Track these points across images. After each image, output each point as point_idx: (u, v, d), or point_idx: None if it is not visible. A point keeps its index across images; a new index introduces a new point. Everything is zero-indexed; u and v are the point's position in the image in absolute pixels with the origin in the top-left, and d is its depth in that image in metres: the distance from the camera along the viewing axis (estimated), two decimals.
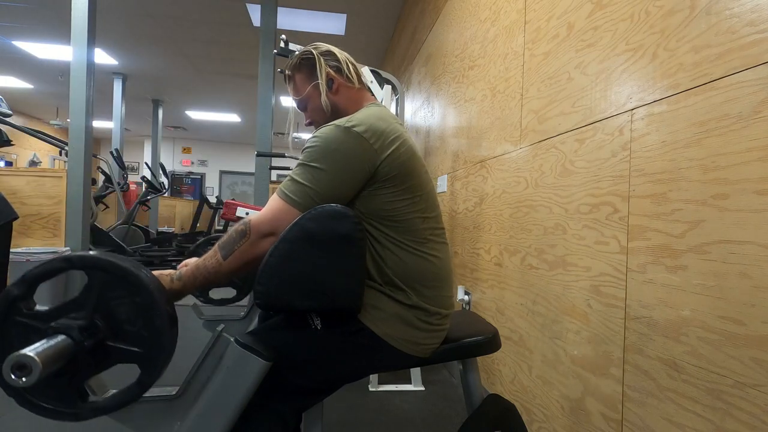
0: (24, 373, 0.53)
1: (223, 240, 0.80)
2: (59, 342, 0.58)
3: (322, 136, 0.82)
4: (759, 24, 0.65)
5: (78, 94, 3.34)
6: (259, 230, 0.79)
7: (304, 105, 1.02)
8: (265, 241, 0.79)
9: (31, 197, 3.45)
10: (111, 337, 0.63)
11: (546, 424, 1.24)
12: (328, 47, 1.01)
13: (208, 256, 0.80)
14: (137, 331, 0.63)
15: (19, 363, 0.53)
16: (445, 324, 0.89)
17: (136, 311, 0.63)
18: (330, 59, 0.99)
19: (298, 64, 1.00)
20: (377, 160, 0.82)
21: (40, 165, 9.25)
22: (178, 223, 8.67)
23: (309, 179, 0.80)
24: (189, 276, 0.79)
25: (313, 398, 0.84)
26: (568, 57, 1.19)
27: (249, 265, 0.80)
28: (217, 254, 0.79)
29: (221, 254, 0.79)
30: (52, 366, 0.56)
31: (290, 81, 1.03)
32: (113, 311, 0.63)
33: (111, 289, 0.63)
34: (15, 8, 4.27)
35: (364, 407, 1.73)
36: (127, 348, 0.63)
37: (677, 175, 0.80)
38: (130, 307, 0.63)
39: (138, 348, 0.63)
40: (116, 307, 0.63)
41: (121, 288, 0.63)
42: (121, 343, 0.63)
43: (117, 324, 0.63)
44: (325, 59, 0.98)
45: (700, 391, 0.74)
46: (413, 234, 0.86)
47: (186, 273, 0.79)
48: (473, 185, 1.92)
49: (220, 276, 0.79)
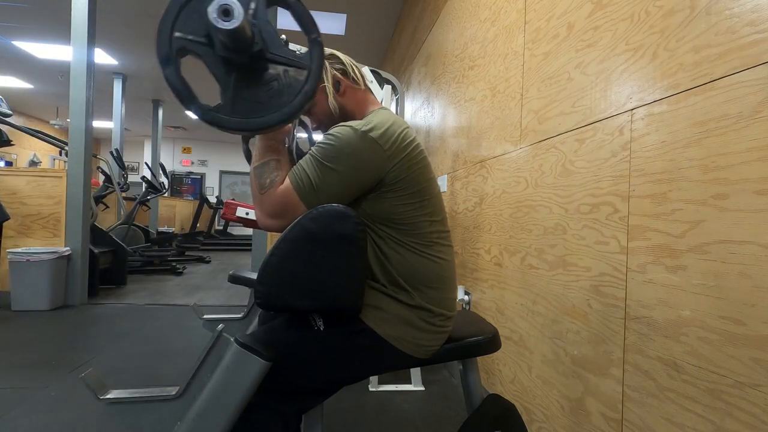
0: (228, 18, 0.59)
1: (261, 177, 0.86)
2: (247, 21, 0.64)
3: (339, 135, 0.82)
4: (759, 24, 0.65)
5: (78, 94, 3.34)
6: (270, 209, 0.84)
7: (310, 108, 1.03)
8: (269, 221, 0.84)
9: (31, 197, 3.45)
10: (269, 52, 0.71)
11: (546, 424, 1.24)
12: (331, 51, 1.01)
13: (266, 170, 0.86)
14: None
15: (225, 8, 0.59)
16: (447, 326, 0.89)
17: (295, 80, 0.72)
18: (335, 62, 0.99)
19: None
20: (388, 165, 0.83)
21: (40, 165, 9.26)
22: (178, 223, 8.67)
23: (320, 177, 0.81)
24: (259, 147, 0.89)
25: (314, 399, 0.84)
26: (568, 57, 1.19)
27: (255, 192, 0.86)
28: (258, 179, 0.86)
29: (257, 181, 0.86)
30: (241, 29, 0.62)
31: None
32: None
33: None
34: (15, 8, 4.27)
35: (364, 407, 1.73)
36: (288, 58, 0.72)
37: (677, 175, 0.80)
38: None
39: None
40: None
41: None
42: (276, 59, 0.71)
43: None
44: (329, 62, 0.98)
45: (700, 391, 0.74)
46: (420, 237, 0.87)
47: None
48: (473, 185, 1.92)
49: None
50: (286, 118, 0.72)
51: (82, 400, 1.66)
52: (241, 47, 0.67)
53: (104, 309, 3.21)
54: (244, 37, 0.65)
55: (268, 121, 0.72)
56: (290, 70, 0.72)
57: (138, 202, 5.28)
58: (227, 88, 0.71)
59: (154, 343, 2.41)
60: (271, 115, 0.71)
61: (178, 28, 0.67)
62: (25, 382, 1.83)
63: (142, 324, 2.78)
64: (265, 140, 0.88)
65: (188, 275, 4.98)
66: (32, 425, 1.47)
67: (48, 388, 1.76)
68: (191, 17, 0.67)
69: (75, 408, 1.60)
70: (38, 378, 1.87)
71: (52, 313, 3.02)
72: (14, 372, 1.94)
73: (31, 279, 3.04)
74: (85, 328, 2.70)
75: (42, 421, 1.50)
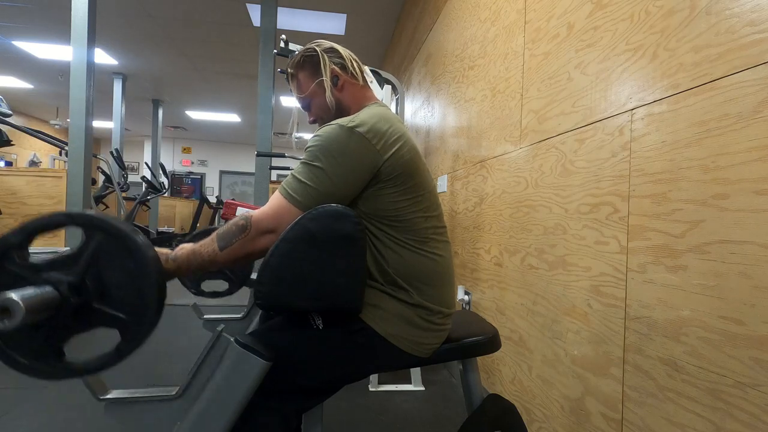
0: (5, 316, 0.52)
1: (222, 231, 0.80)
2: (46, 293, 0.57)
3: (324, 135, 0.81)
4: (759, 24, 0.65)
5: (78, 94, 3.34)
6: (259, 227, 0.79)
7: (308, 103, 1.01)
8: (265, 238, 0.79)
9: (31, 197, 3.45)
10: (98, 299, 0.61)
11: (546, 424, 1.24)
12: (332, 44, 1.00)
13: (205, 243, 0.79)
14: (124, 297, 0.61)
15: (2, 305, 0.52)
16: (447, 324, 0.89)
17: (128, 277, 0.61)
18: (334, 56, 0.98)
19: (301, 62, 0.99)
20: (380, 160, 0.82)
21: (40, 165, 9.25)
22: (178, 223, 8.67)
23: (311, 178, 0.80)
24: (183, 259, 0.78)
25: (315, 398, 0.84)
26: (568, 57, 1.19)
27: (244, 259, 0.80)
28: (215, 243, 0.79)
29: (218, 245, 0.78)
30: (35, 315, 0.55)
31: (293, 79, 1.02)
32: (105, 274, 0.62)
33: (106, 251, 0.61)
34: (15, 8, 4.27)
35: (364, 407, 1.73)
36: (112, 312, 0.61)
37: (677, 175, 0.80)
38: (122, 273, 0.62)
39: (122, 314, 0.61)
40: (109, 270, 0.62)
41: (117, 252, 0.61)
42: (106, 307, 0.61)
43: (106, 287, 0.62)
44: (329, 56, 0.97)
45: (700, 391, 0.74)
46: (415, 233, 0.86)
47: (181, 256, 0.79)
48: (473, 185, 1.92)
49: (215, 265, 0.79)
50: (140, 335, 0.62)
51: (82, 400, 1.66)
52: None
53: None
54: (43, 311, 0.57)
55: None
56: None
57: (138, 202, 5.28)
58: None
59: (154, 343, 2.39)
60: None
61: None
62: (25, 382, 1.83)
63: None
64: (183, 272, 0.80)
65: None
66: (32, 425, 1.47)
67: (48, 388, 1.76)
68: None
69: (75, 408, 1.60)
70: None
71: None
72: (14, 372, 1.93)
73: None
74: None
75: (42, 421, 1.50)
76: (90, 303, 0.61)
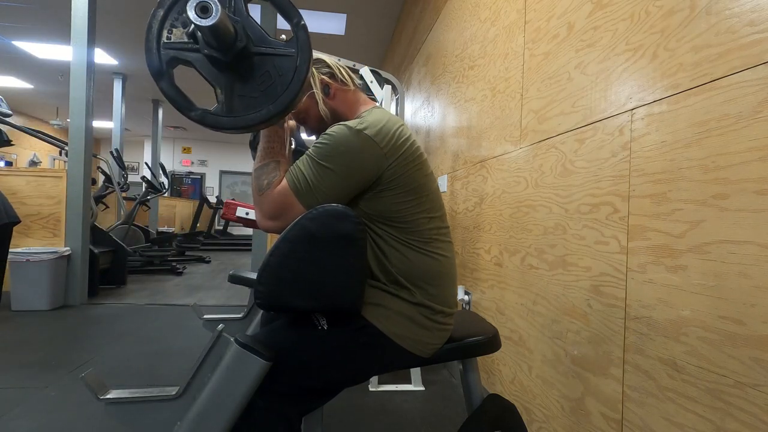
0: (206, 15, 0.61)
1: (260, 179, 0.86)
2: (229, 21, 0.66)
3: (334, 135, 0.83)
4: (759, 24, 0.65)
5: (78, 94, 3.34)
6: (268, 210, 0.84)
7: (302, 118, 1.02)
8: (268, 222, 0.85)
9: (31, 197, 3.45)
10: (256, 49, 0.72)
11: (546, 424, 1.24)
12: (316, 55, 1.00)
13: (269, 168, 0.86)
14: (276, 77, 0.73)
15: (203, 4, 0.61)
16: (449, 323, 0.89)
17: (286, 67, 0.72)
18: (321, 66, 0.98)
19: None
20: (384, 163, 0.83)
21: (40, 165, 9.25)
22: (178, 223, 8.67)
23: (318, 177, 0.81)
24: (268, 143, 0.88)
25: (318, 400, 0.84)
26: (568, 57, 1.19)
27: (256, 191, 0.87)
28: (257, 180, 0.87)
29: (256, 182, 0.87)
30: (222, 25, 0.63)
31: None
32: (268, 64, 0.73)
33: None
34: (15, 8, 4.27)
35: (364, 407, 1.73)
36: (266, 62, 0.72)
37: (677, 175, 0.80)
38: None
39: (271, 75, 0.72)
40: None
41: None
42: (263, 51, 0.72)
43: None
44: (316, 68, 0.98)
45: (700, 391, 0.74)
46: (419, 234, 0.87)
47: (275, 145, 0.89)
48: (473, 185, 1.92)
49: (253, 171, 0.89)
50: (284, 107, 0.72)
51: (82, 400, 1.66)
52: (225, 44, 0.67)
53: (104, 309, 3.21)
54: (226, 33, 0.66)
55: (267, 113, 0.72)
56: (278, 59, 0.72)
57: (138, 202, 5.28)
58: (221, 88, 0.71)
59: (154, 343, 2.41)
60: (268, 107, 0.72)
61: (164, 42, 0.68)
62: (25, 382, 1.83)
63: (142, 324, 2.78)
64: (265, 142, 0.88)
65: (188, 275, 4.98)
66: (32, 425, 1.47)
67: (48, 388, 1.76)
68: (174, 26, 0.69)
69: (75, 408, 1.60)
70: (38, 378, 1.87)
71: (52, 313, 3.02)
72: (14, 372, 1.94)
73: (31, 279, 3.04)
74: (84, 328, 2.70)
75: (42, 421, 1.50)
76: (250, 49, 0.71)
